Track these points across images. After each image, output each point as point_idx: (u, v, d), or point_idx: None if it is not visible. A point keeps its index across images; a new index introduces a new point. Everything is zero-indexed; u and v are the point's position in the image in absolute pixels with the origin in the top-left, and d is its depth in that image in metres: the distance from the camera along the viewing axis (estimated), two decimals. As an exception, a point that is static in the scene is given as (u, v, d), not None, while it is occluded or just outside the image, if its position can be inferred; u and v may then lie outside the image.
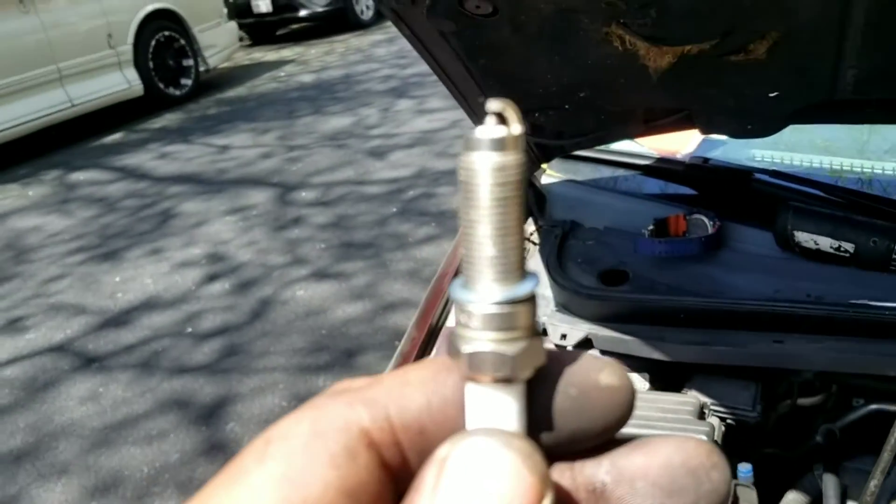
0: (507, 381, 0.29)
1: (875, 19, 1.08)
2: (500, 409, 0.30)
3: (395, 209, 5.16)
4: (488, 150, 0.29)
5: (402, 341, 1.81)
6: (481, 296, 0.29)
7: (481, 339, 0.29)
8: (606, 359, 0.32)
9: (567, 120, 1.53)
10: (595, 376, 0.30)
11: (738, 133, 1.37)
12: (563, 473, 0.31)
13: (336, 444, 0.28)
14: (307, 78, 9.62)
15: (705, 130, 1.38)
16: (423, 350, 1.74)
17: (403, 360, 1.74)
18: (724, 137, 1.75)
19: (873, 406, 1.65)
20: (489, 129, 0.29)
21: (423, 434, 0.30)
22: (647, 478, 0.30)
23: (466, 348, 0.29)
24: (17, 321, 4.31)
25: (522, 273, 0.30)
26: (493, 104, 0.29)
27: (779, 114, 1.30)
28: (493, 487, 0.26)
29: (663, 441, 0.30)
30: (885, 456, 1.22)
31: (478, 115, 1.63)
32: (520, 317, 0.29)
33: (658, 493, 0.30)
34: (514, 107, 0.29)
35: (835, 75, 1.20)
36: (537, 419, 0.30)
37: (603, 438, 0.31)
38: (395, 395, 0.30)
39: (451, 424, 0.30)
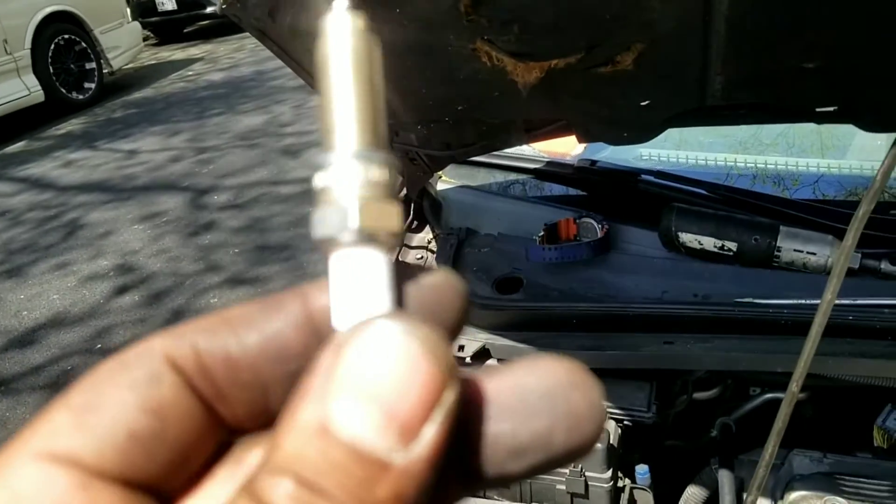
0: (368, 239, 0.27)
1: (736, 28, 1.08)
2: (368, 283, 0.28)
3: (310, 209, 5.07)
4: (344, 10, 0.28)
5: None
6: (338, 152, 0.28)
7: (339, 197, 0.28)
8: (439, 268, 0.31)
9: (450, 132, 1.52)
10: (416, 277, 0.29)
11: (615, 141, 1.37)
12: None
13: (138, 370, 0.27)
14: (217, 76, 9.42)
15: (583, 139, 1.38)
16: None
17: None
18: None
19: (768, 395, 1.69)
20: None
21: (233, 369, 0.28)
22: (496, 402, 0.27)
23: (322, 206, 0.28)
24: (-83, 347, 4.12)
25: (381, 142, 0.28)
26: None
27: (652, 121, 1.30)
28: (388, 375, 0.25)
29: (518, 364, 0.28)
30: (770, 448, 1.24)
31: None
32: (377, 173, 0.28)
33: (509, 417, 0.27)
34: None
35: (703, 83, 1.20)
36: None
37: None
38: (206, 330, 0.29)
39: (267, 358, 0.29)
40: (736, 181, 1.84)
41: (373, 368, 0.25)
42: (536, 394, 0.27)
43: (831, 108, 1.23)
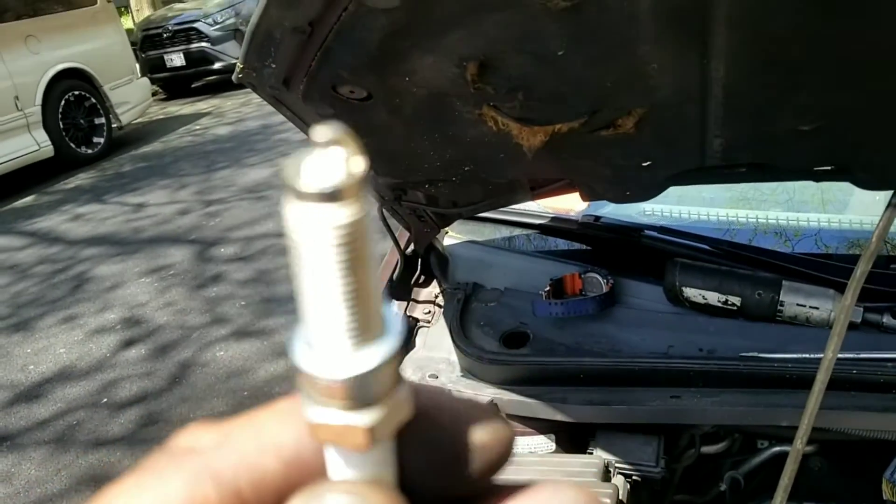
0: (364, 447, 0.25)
1: (733, 93, 1.12)
2: (360, 465, 0.26)
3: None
4: (322, 202, 0.22)
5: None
6: (331, 366, 0.24)
7: (332, 409, 0.24)
8: (481, 407, 0.29)
9: (457, 191, 1.55)
10: (466, 435, 0.28)
11: (618, 199, 1.41)
12: None
13: None
14: (224, 130, 9.53)
15: (587, 197, 1.41)
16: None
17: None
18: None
19: (776, 448, 1.69)
20: (321, 172, 0.22)
21: (282, 494, 0.26)
22: None
23: (316, 419, 0.25)
24: (-75, 402, 4.13)
25: (378, 330, 0.25)
26: (322, 133, 0.22)
27: (654, 180, 1.34)
28: None
29: (539, 488, 0.27)
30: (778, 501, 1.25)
31: (374, 188, 1.64)
32: (377, 382, 0.24)
33: None
34: (350, 135, 0.23)
35: (702, 144, 1.24)
36: (405, 474, 0.27)
37: (476, 489, 0.28)
38: (248, 463, 0.26)
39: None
40: (737, 235, 1.88)
41: None
42: None
43: (828, 168, 1.26)
